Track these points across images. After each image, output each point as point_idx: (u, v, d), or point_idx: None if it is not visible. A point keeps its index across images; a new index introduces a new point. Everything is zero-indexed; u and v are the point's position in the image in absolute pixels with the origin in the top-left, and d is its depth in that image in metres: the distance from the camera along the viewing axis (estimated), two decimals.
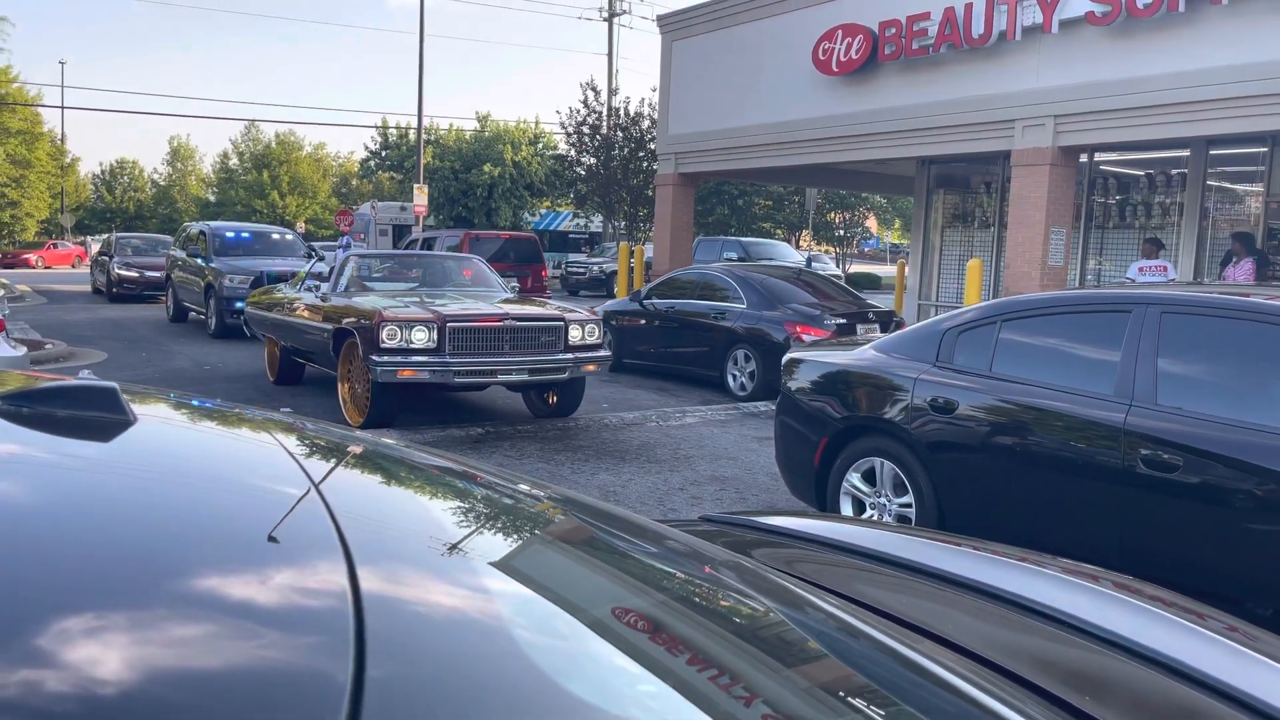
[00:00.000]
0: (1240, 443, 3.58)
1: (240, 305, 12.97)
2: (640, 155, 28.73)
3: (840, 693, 1.02)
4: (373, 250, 23.08)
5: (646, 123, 28.50)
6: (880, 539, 1.92)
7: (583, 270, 29.08)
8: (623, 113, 29.74)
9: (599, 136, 29.80)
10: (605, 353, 8.59)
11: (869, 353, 5.12)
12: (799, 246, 37.17)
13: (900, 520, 4.74)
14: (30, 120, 47.05)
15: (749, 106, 16.49)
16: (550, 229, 41.23)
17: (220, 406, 1.56)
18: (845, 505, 5.03)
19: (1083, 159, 13.69)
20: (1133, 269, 11.52)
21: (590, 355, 8.35)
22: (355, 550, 0.91)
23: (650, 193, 26.22)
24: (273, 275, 13.85)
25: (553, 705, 0.77)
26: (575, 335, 8.27)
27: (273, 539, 0.92)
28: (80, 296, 23.93)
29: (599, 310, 9.77)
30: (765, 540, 1.94)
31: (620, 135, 29.31)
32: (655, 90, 21.75)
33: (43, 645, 0.68)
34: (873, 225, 53.38)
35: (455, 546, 1.07)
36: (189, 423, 1.45)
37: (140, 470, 1.09)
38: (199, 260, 16.11)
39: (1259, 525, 3.54)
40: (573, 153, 31.49)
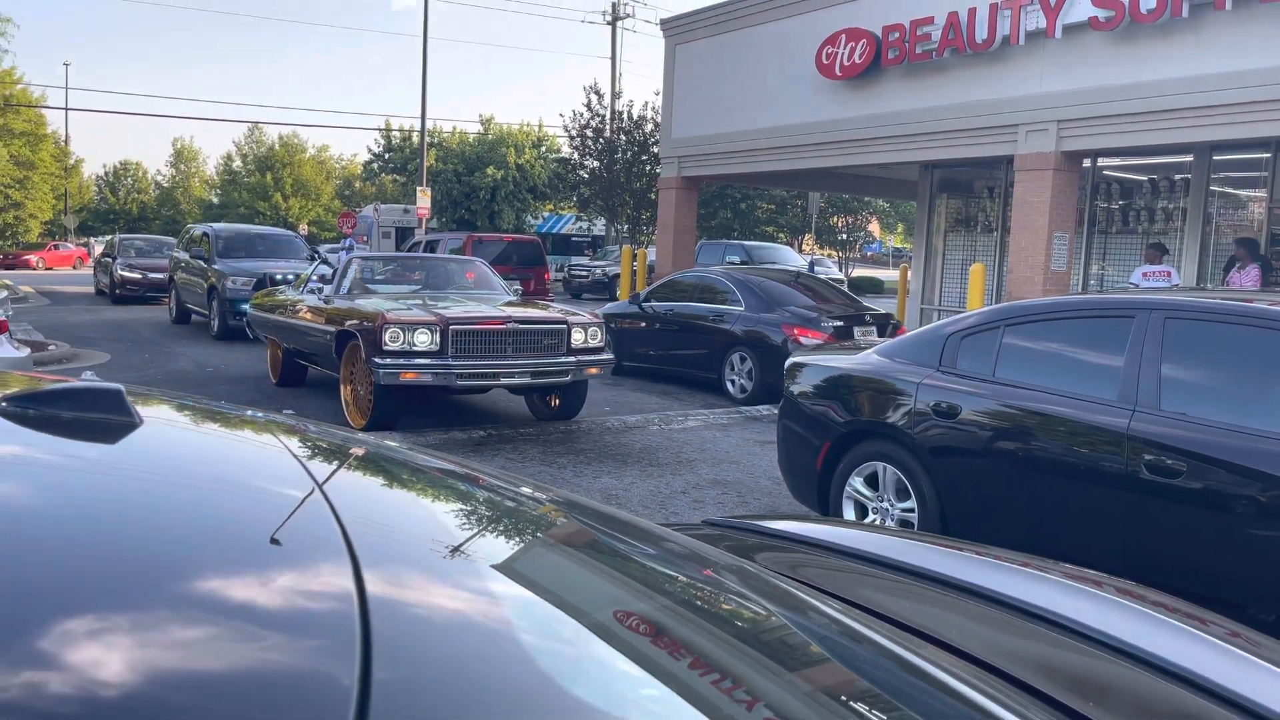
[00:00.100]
0: (1243, 448, 3.57)
1: (243, 307, 12.98)
2: (643, 159, 28.75)
3: (843, 697, 1.02)
4: (375, 253, 23.11)
5: (650, 126, 28.52)
6: (883, 543, 1.92)
7: (585, 273, 29.12)
8: (626, 116, 29.76)
9: (602, 140, 29.82)
10: (608, 356, 8.59)
11: (872, 357, 5.11)
12: (801, 250, 37.20)
13: (903, 525, 4.74)
14: (34, 122, 47.18)
15: (752, 110, 16.50)
16: (553, 232, 41.31)
17: (225, 409, 1.56)
18: (848, 509, 5.02)
19: (1086, 164, 13.69)
20: (1136, 274, 11.51)
21: (593, 359, 8.35)
22: (361, 553, 0.91)
23: (653, 196, 26.22)
24: (275, 277, 13.88)
25: (557, 709, 0.77)
26: (578, 338, 8.27)
27: (279, 541, 0.93)
28: (83, 298, 23.96)
29: (599, 313, 9.78)
30: (768, 544, 1.94)
31: (623, 139, 29.33)
32: (659, 94, 21.75)
33: (51, 647, 0.68)
34: (875, 229, 53.44)
35: (460, 549, 1.08)
36: (194, 425, 1.46)
37: (146, 472, 1.09)
38: (202, 262, 16.13)
39: (1262, 531, 3.54)
40: (576, 156, 31.52)
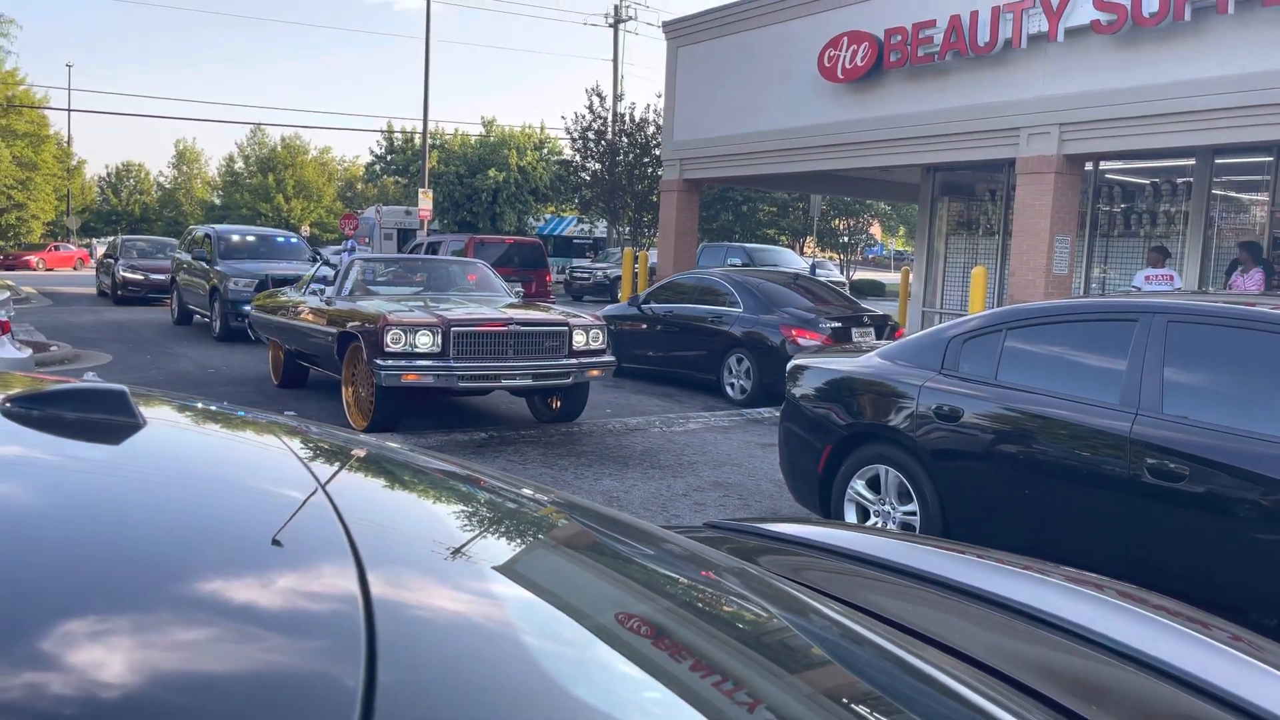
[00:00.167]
0: (1246, 452, 3.57)
1: (245, 308, 12.99)
2: (645, 161, 28.76)
3: (845, 699, 1.02)
4: (377, 254, 23.12)
5: (651, 128, 28.53)
6: (885, 546, 1.92)
7: (587, 275, 29.14)
8: (628, 118, 29.77)
9: (604, 142, 29.84)
10: (609, 358, 8.59)
11: (874, 360, 5.11)
12: (803, 253, 37.20)
13: (905, 528, 4.73)
14: (37, 122, 47.23)
15: (754, 113, 16.50)
16: (555, 234, 41.33)
17: (228, 410, 1.56)
18: (849, 512, 5.02)
19: (1088, 167, 13.68)
20: (1139, 277, 11.50)
21: (594, 361, 8.35)
22: (365, 554, 0.91)
23: (655, 198, 26.23)
24: (277, 278, 13.88)
25: (560, 711, 0.77)
26: (579, 341, 8.27)
27: (284, 543, 0.93)
28: (85, 299, 23.99)
29: (599, 315, 9.77)
30: (769, 547, 1.94)
31: (625, 141, 29.34)
32: (660, 96, 21.76)
33: (58, 648, 0.68)
34: (877, 232, 53.46)
35: (463, 551, 1.08)
36: (198, 426, 1.46)
37: (152, 473, 1.10)
38: (204, 263, 16.14)
39: (1265, 535, 3.54)
40: (578, 158, 31.54)
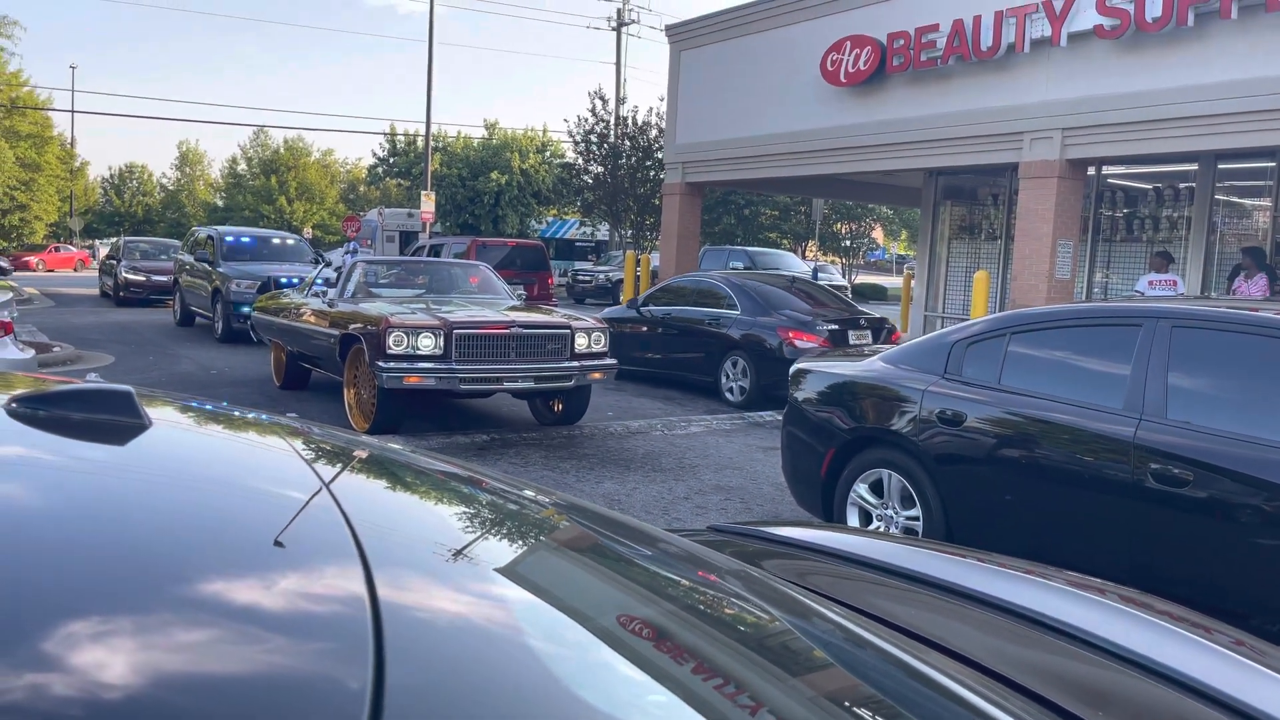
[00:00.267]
0: (1250, 458, 3.56)
1: (247, 310, 13.00)
2: (647, 164, 28.79)
3: (847, 703, 1.02)
4: (379, 256, 23.14)
5: (654, 132, 28.56)
6: (887, 550, 1.92)
7: (589, 278, 29.15)
8: (630, 122, 29.81)
9: (606, 145, 29.87)
10: (611, 361, 8.59)
11: (877, 364, 5.11)
12: (805, 257, 37.19)
13: (907, 532, 4.73)
14: (40, 124, 47.30)
15: (756, 117, 16.51)
16: (557, 237, 41.37)
17: (232, 411, 1.57)
18: (852, 516, 5.01)
19: (1090, 172, 13.68)
20: (1142, 282, 11.49)
21: (596, 363, 8.35)
22: (371, 555, 0.91)
23: (657, 201, 26.23)
24: (279, 280, 13.89)
25: (566, 713, 0.77)
26: (581, 343, 8.28)
27: (291, 544, 0.93)
28: (88, 300, 24.02)
29: (600, 317, 9.78)
30: (772, 550, 1.94)
31: (628, 144, 29.37)
32: (663, 100, 21.78)
33: (63, 649, 0.68)
34: (879, 236, 53.44)
35: (468, 553, 1.08)
36: (204, 427, 1.46)
37: (158, 474, 1.10)
38: (206, 265, 16.16)
39: (1268, 541, 3.53)
40: (580, 161, 31.58)
